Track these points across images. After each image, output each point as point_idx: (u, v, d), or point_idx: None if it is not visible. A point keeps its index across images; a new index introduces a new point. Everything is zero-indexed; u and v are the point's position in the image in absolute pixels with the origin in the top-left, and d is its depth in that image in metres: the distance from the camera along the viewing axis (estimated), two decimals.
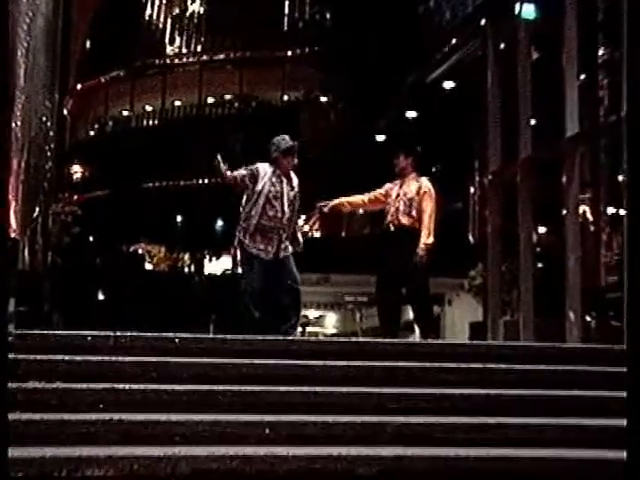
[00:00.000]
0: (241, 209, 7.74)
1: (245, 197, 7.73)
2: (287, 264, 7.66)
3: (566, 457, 4.93)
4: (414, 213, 8.03)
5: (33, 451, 4.40)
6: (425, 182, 8.21)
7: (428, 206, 8.04)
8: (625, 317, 10.20)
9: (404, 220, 8.04)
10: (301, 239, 7.87)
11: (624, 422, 5.15)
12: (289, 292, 7.59)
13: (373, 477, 4.62)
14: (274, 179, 7.67)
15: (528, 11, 14.57)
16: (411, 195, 8.08)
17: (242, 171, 7.74)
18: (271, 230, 7.60)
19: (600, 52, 12.87)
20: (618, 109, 11.57)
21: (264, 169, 7.70)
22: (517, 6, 14.63)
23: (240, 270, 7.83)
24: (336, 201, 8.27)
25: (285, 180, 7.71)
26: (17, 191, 11.85)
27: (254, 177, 7.65)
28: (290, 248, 7.71)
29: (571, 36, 12.86)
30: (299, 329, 8.03)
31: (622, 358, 6.18)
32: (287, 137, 7.86)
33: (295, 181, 7.85)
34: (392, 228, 8.12)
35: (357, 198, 8.38)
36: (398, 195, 8.14)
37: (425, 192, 8.07)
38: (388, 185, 8.32)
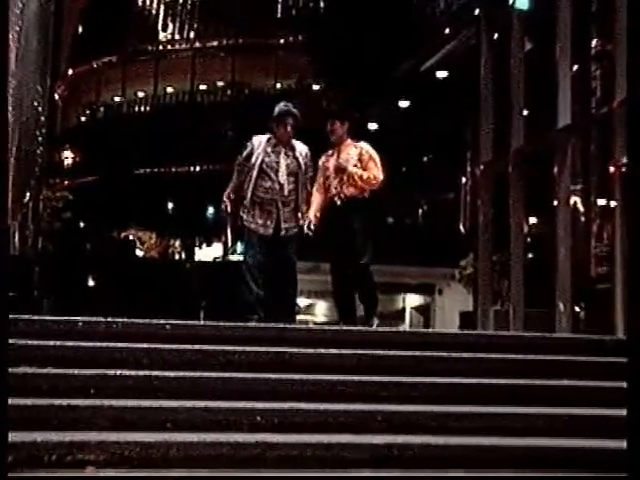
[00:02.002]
0: None
1: (240, 167, 7.39)
2: (287, 246, 7.24)
3: (555, 446, 4.96)
4: (359, 182, 7.37)
5: (24, 436, 4.39)
6: (365, 146, 7.58)
7: (374, 171, 7.41)
8: (626, 309, 10.28)
9: (350, 190, 7.38)
10: (309, 218, 7.27)
11: (613, 411, 5.20)
12: (284, 276, 7.25)
13: (363, 464, 4.64)
14: (269, 149, 7.23)
15: (522, 1, 14.55)
16: (354, 162, 7.42)
17: (236, 166, 7.37)
18: (269, 203, 7.18)
19: (593, 43, 12.88)
20: (610, 101, 11.59)
21: (259, 140, 7.29)
22: None
23: (239, 246, 7.72)
24: (312, 216, 7.38)
25: (284, 150, 7.25)
26: (8, 176, 11.79)
27: (248, 156, 7.25)
28: (294, 228, 7.25)
29: (564, 27, 12.85)
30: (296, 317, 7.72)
31: (611, 348, 6.24)
32: (283, 103, 7.46)
33: (300, 151, 7.33)
34: (338, 202, 7.40)
35: (318, 199, 7.50)
36: (339, 165, 7.46)
37: (370, 157, 7.47)
38: (322, 160, 7.62)
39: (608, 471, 4.71)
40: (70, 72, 38.17)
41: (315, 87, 32.99)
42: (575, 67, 12.92)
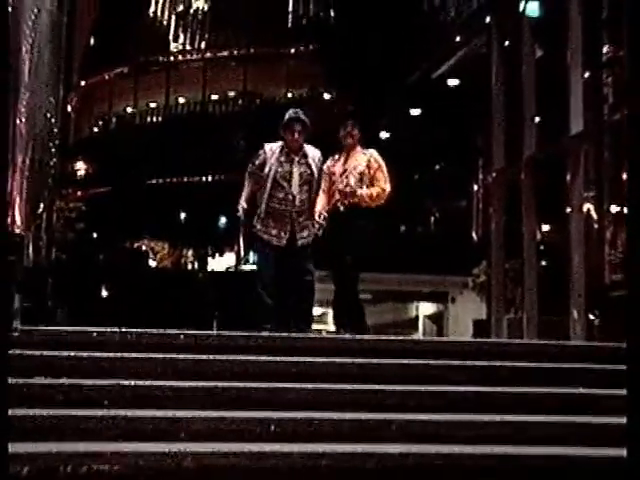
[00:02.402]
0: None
1: (257, 178, 7.29)
2: (300, 254, 7.13)
3: (570, 454, 4.94)
4: (369, 201, 7.32)
5: (39, 446, 4.41)
6: (374, 154, 7.50)
7: (382, 180, 7.33)
8: (625, 315, 10.22)
9: (356, 198, 7.30)
10: (320, 222, 7.23)
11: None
12: (300, 285, 7.12)
13: (378, 473, 4.63)
14: (282, 158, 7.12)
15: (532, 8, 14.56)
16: (362, 169, 7.34)
17: (248, 174, 7.30)
18: (283, 214, 7.08)
19: (604, 50, 12.85)
20: (622, 107, 11.56)
21: (271, 149, 7.17)
22: (522, 3, 14.62)
23: (253, 257, 7.66)
24: (317, 217, 7.30)
25: (296, 158, 7.12)
26: (22, 187, 11.85)
27: (261, 164, 7.15)
28: (309, 237, 7.17)
29: (575, 34, 12.85)
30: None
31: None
32: (292, 110, 7.32)
33: (312, 158, 7.20)
34: (342, 208, 7.32)
35: (323, 200, 7.41)
36: (345, 171, 7.37)
37: (378, 166, 7.38)
38: (328, 163, 7.46)
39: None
40: (82, 83, 38.37)
41: (326, 96, 33.05)
42: (587, 74, 12.90)
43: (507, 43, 15.66)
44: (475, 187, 22.04)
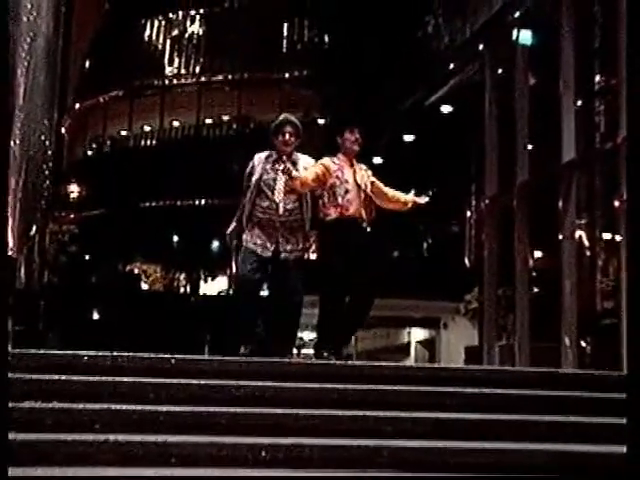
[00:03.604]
0: None
1: (244, 187, 6.95)
2: (288, 269, 6.68)
3: None
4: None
5: (28, 471, 4.39)
6: (363, 165, 7.16)
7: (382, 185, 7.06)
8: (625, 342, 10.25)
9: (365, 214, 6.89)
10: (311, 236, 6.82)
11: (620, 448, 5.18)
12: (286, 304, 6.72)
13: None
14: (268, 166, 6.76)
15: (525, 37, 14.69)
16: (368, 183, 6.97)
17: (245, 187, 6.86)
18: (267, 224, 6.69)
19: (596, 79, 12.97)
20: (614, 135, 11.65)
21: (259, 158, 6.86)
22: (514, 32, 14.75)
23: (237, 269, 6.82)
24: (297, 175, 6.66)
25: (284, 165, 6.62)
26: (14, 209, 11.84)
27: (249, 175, 6.83)
28: (297, 252, 6.73)
29: (568, 62, 12.96)
30: (294, 351, 7.26)
31: (618, 384, 6.21)
32: (282, 115, 7.06)
33: (304, 164, 6.78)
34: (359, 222, 6.84)
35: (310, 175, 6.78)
36: (359, 181, 6.88)
37: (374, 179, 7.07)
38: (331, 165, 6.88)
39: None
40: (77, 106, 38.46)
41: (320, 121, 33.20)
42: (579, 102, 13.00)
43: (500, 71, 15.78)
44: (468, 213, 22.10)
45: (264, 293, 7.13)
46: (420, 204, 7.33)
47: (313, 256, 7.02)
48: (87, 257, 29.76)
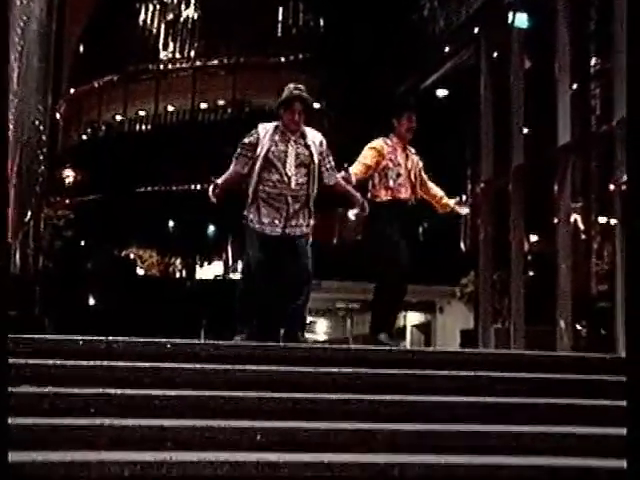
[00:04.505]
0: None
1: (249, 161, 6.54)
2: (298, 247, 6.38)
3: (557, 465, 4.95)
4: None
5: (24, 455, 4.39)
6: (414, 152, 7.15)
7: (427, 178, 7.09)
8: (621, 325, 10.28)
9: (416, 197, 6.93)
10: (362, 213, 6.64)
11: (614, 430, 5.20)
12: (297, 284, 6.41)
13: None
14: (277, 137, 6.41)
15: (521, 20, 14.65)
16: (417, 169, 7.01)
17: (238, 153, 6.52)
18: (277, 199, 6.34)
19: (592, 62, 12.94)
20: (610, 118, 11.63)
21: (264, 129, 6.49)
22: (510, 15, 14.70)
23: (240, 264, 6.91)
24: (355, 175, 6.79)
25: (293, 138, 6.41)
26: (9, 195, 11.80)
27: (253, 145, 6.45)
28: (306, 227, 6.42)
29: (563, 45, 12.92)
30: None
31: (613, 367, 6.24)
32: (293, 85, 6.63)
33: (312, 139, 6.48)
34: (409, 205, 6.89)
35: (363, 168, 6.85)
36: (411, 169, 6.91)
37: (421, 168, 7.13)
38: (384, 146, 6.92)
39: None
40: (72, 91, 38.31)
41: (316, 105, 33.11)
42: (575, 85, 12.98)
43: (496, 54, 15.74)
44: (464, 197, 22.10)
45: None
46: (458, 212, 7.37)
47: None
48: (82, 242, 29.71)
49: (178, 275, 33.74)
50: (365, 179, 6.85)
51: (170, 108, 36.34)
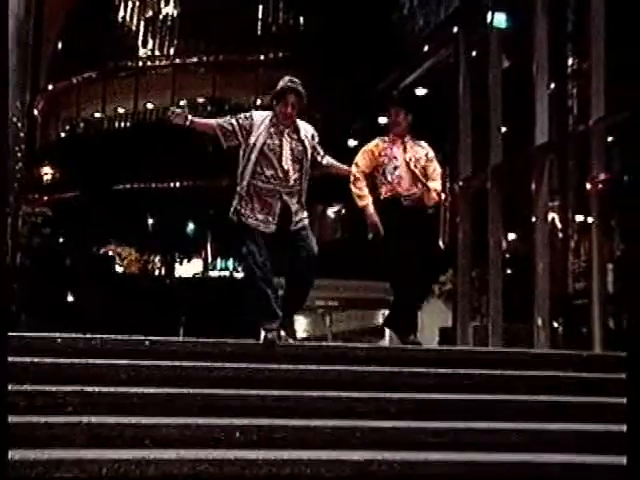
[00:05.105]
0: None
1: (240, 154, 6.25)
2: (301, 235, 6.15)
3: (533, 461, 4.97)
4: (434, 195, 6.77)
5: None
6: (427, 146, 7.02)
7: (437, 172, 6.85)
8: (597, 322, 10.35)
9: (418, 192, 6.71)
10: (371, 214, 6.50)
11: (593, 426, 5.24)
12: (298, 278, 6.14)
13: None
14: (272, 129, 6.13)
15: (499, 20, 14.71)
16: (423, 162, 6.80)
17: (230, 119, 6.31)
18: (270, 194, 6.09)
19: (569, 62, 13.01)
20: (586, 119, 11.70)
21: (261, 117, 6.21)
22: (489, 15, 14.75)
23: (221, 264, 6.57)
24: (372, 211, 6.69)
25: (287, 131, 6.17)
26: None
27: (246, 128, 6.17)
28: (305, 219, 6.21)
29: (541, 46, 12.98)
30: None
31: (589, 363, 6.28)
32: (288, 78, 6.34)
33: (305, 132, 6.25)
34: (405, 203, 6.70)
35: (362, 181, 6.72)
36: (410, 160, 6.75)
37: (432, 159, 6.91)
38: (380, 144, 6.85)
39: None
40: (50, 88, 38.05)
41: None
42: (552, 85, 13.04)
43: (474, 54, 15.78)
44: (442, 195, 22.16)
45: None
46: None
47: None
48: (61, 239, 29.52)
49: (157, 273, 33.61)
50: (366, 179, 6.76)
51: (149, 105, 36.18)
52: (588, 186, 11.47)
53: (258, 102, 34.12)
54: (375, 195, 6.77)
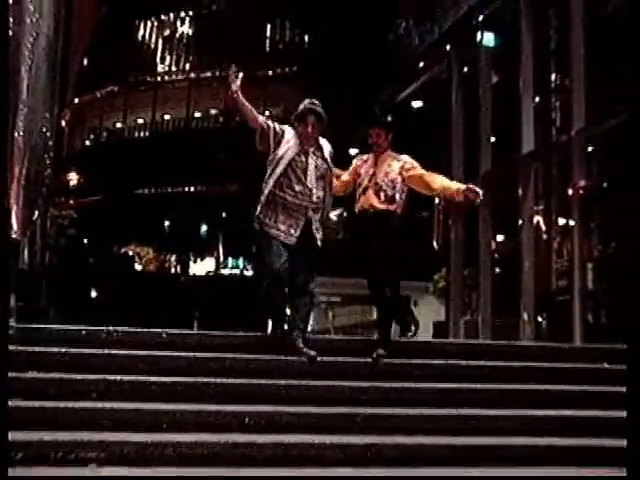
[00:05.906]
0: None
1: (268, 162, 5.94)
2: (312, 255, 5.87)
3: (521, 444, 4.98)
4: (397, 197, 6.23)
5: (32, 435, 4.38)
6: (407, 158, 6.44)
7: (424, 173, 6.34)
8: (583, 319, 10.37)
9: (382, 206, 6.16)
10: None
11: (572, 412, 5.24)
12: (300, 292, 5.86)
13: (344, 462, 4.64)
14: (299, 147, 5.89)
15: (488, 39, 14.74)
16: (393, 176, 6.24)
17: (269, 121, 6.05)
18: (297, 209, 5.81)
19: (553, 77, 13.02)
20: (569, 129, 11.71)
21: (290, 133, 5.98)
22: (479, 34, 14.76)
23: (232, 262, 6.09)
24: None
25: (312, 149, 5.94)
26: (18, 196, 11.72)
27: (278, 136, 5.93)
28: (319, 238, 5.92)
29: (527, 62, 12.98)
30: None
31: (571, 355, 6.29)
32: (308, 101, 6.08)
33: (326, 151, 6.02)
34: (370, 213, 6.18)
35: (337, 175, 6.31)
36: (373, 175, 6.23)
37: (413, 166, 6.35)
38: (358, 161, 6.43)
39: (565, 466, 4.75)
40: (76, 101, 38.11)
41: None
42: (537, 98, 13.04)
43: (465, 70, 15.78)
44: (436, 200, 22.14)
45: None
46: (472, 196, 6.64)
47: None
48: (85, 240, 29.55)
49: (173, 271, 33.62)
50: (345, 191, 6.43)
51: (166, 116, 36.24)
52: (570, 192, 11.48)
53: (266, 113, 34.18)
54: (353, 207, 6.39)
